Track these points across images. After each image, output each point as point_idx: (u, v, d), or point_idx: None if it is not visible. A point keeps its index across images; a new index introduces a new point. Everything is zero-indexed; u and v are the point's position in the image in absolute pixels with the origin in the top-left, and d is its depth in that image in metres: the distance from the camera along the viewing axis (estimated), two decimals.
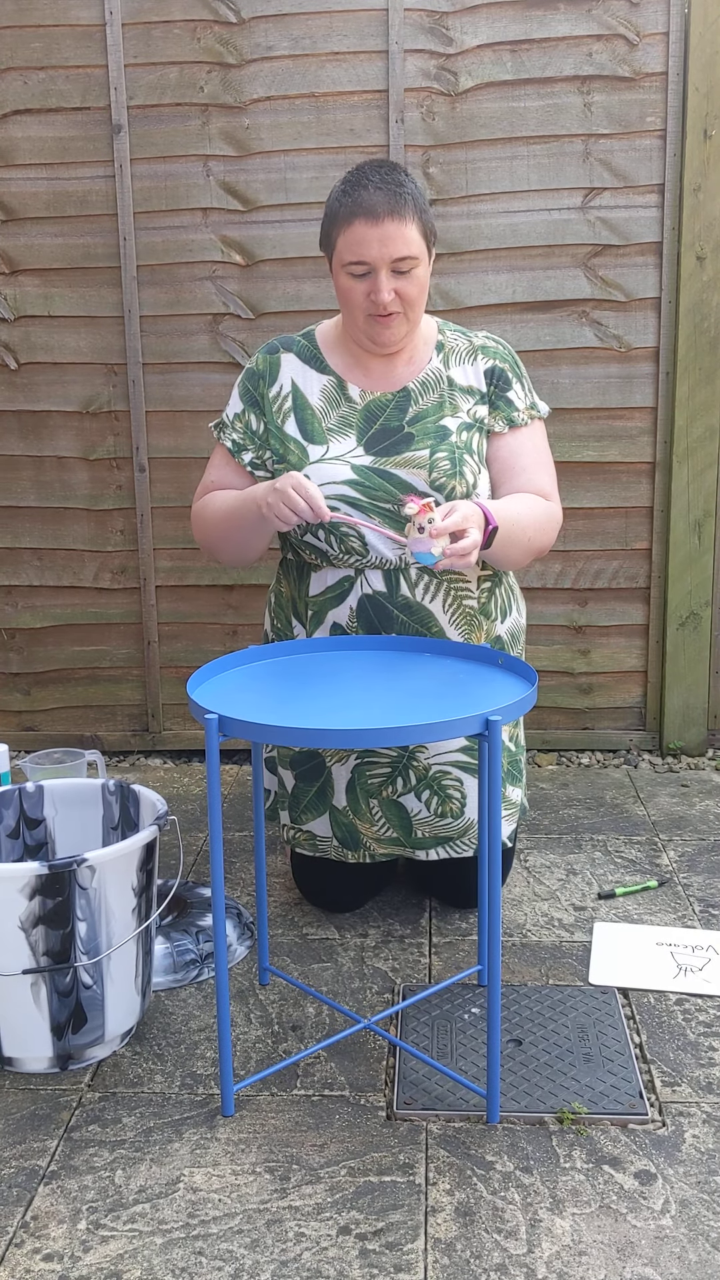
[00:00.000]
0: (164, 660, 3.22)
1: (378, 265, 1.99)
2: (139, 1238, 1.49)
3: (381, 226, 1.97)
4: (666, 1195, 1.54)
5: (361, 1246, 1.47)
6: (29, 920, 1.72)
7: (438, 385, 2.14)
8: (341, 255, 2.02)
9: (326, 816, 2.20)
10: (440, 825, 2.17)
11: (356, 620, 2.12)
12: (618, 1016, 1.93)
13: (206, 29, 2.89)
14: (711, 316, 2.93)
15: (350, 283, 2.03)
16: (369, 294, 2.02)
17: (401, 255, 1.99)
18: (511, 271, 2.95)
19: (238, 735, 1.58)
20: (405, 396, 2.14)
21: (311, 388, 2.16)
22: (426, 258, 2.04)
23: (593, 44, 2.84)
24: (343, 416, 2.13)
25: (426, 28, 2.86)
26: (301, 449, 2.12)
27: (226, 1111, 1.72)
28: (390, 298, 2.00)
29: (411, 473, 2.08)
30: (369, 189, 1.98)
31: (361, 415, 2.13)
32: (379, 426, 2.12)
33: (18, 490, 3.16)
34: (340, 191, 2.03)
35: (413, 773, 2.14)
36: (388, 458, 2.09)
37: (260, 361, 2.20)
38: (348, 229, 1.99)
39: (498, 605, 2.20)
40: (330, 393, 2.15)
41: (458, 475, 2.08)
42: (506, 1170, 1.60)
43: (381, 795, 2.15)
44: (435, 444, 2.10)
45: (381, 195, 1.97)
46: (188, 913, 2.23)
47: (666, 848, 2.59)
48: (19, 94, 2.95)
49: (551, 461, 2.23)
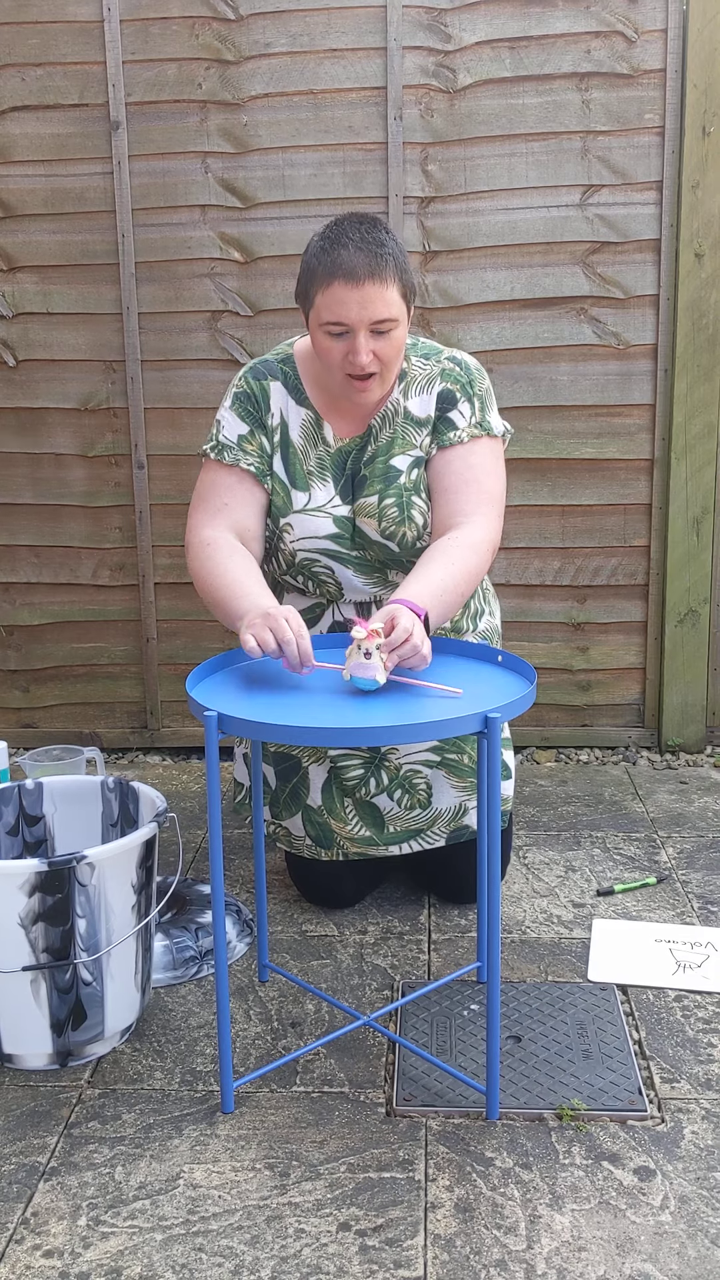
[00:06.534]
0: (163, 657, 3.22)
1: (357, 327, 1.94)
2: (139, 1234, 1.50)
3: (362, 289, 1.91)
4: (665, 1191, 1.55)
5: (361, 1242, 1.47)
6: (29, 917, 1.73)
7: (393, 420, 2.11)
8: (320, 314, 1.96)
9: (299, 816, 2.22)
10: (409, 818, 2.18)
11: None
12: (617, 1013, 1.93)
13: (205, 25, 2.89)
14: (710, 313, 2.93)
15: (328, 342, 1.98)
16: (347, 354, 1.97)
17: (381, 318, 1.94)
18: (510, 269, 2.95)
19: (236, 733, 1.58)
20: (367, 435, 2.12)
21: (294, 420, 2.13)
22: (405, 318, 1.99)
23: (591, 41, 2.84)
24: (320, 459, 2.12)
25: (425, 24, 2.86)
26: (286, 491, 2.11)
27: (226, 1108, 1.72)
28: (368, 359, 1.96)
29: (364, 521, 2.09)
30: (349, 248, 1.92)
31: (334, 460, 2.12)
32: (348, 472, 2.12)
33: (15, 487, 3.15)
34: (319, 249, 1.96)
35: (385, 773, 2.17)
36: (352, 505, 2.11)
37: (253, 387, 2.13)
38: (326, 289, 1.94)
39: (469, 614, 2.21)
40: (309, 430, 2.12)
41: (406, 521, 2.08)
42: (506, 1166, 1.60)
43: (356, 796, 2.18)
44: (384, 488, 2.08)
45: (362, 256, 1.92)
46: (187, 910, 2.24)
47: (665, 845, 2.59)
48: (17, 90, 2.95)
49: (490, 477, 2.09)
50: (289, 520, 2.10)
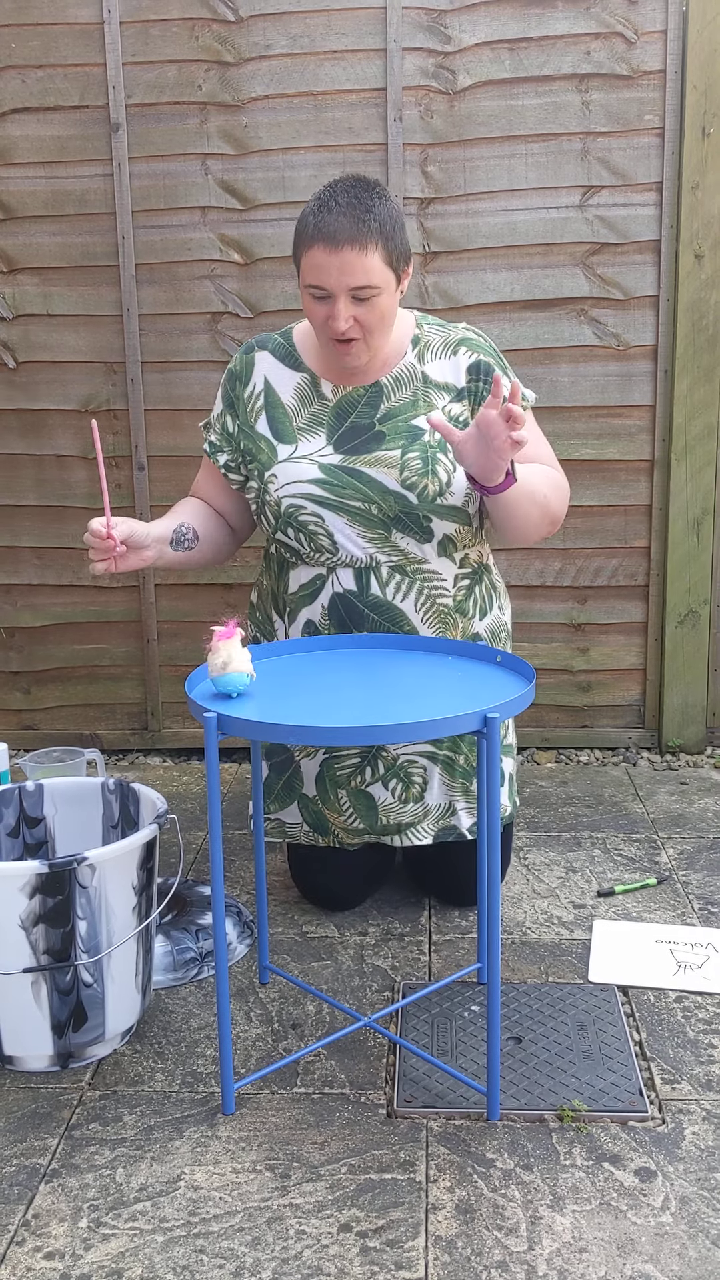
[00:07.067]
0: (163, 659, 3.22)
1: (336, 292, 1.96)
2: (140, 1236, 1.50)
3: (340, 254, 1.93)
4: (666, 1192, 1.55)
5: (362, 1244, 1.47)
6: (29, 919, 1.73)
7: (411, 381, 2.12)
8: (304, 276, 2.00)
9: (295, 805, 2.23)
10: (403, 811, 2.18)
11: (329, 618, 2.13)
12: (617, 1014, 1.93)
13: (205, 27, 2.89)
14: (710, 314, 2.93)
15: (312, 304, 2.01)
16: (328, 318, 1.99)
17: (360, 284, 1.95)
18: (510, 270, 2.95)
19: (237, 734, 1.58)
20: (377, 392, 2.12)
21: (285, 386, 2.15)
22: (392, 286, 2.00)
23: (591, 42, 2.84)
24: (314, 415, 2.13)
25: (425, 26, 2.86)
26: (271, 447, 2.12)
27: (227, 1109, 1.72)
28: (347, 325, 1.97)
29: (382, 471, 2.07)
30: (334, 213, 1.94)
31: (333, 413, 2.12)
32: (349, 424, 2.11)
33: (17, 489, 3.16)
34: (309, 209, 1.99)
35: (381, 763, 2.16)
36: (357, 456, 2.09)
37: (237, 362, 2.20)
38: (308, 252, 1.96)
39: (475, 603, 2.20)
40: (303, 390, 2.14)
41: (430, 474, 2.06)
42: (507, 1168, 1.60)
43: (350, 785, 2.17)
44: (407, 444, 2.08)
45: (345, 221, 1.93)
46: (188, 911, 2.24)
47: (665, 845, 2.59)
48: (17, 92, 2.95)
49: (546, 445, 2.21)
50: (273, 471, 2.11)
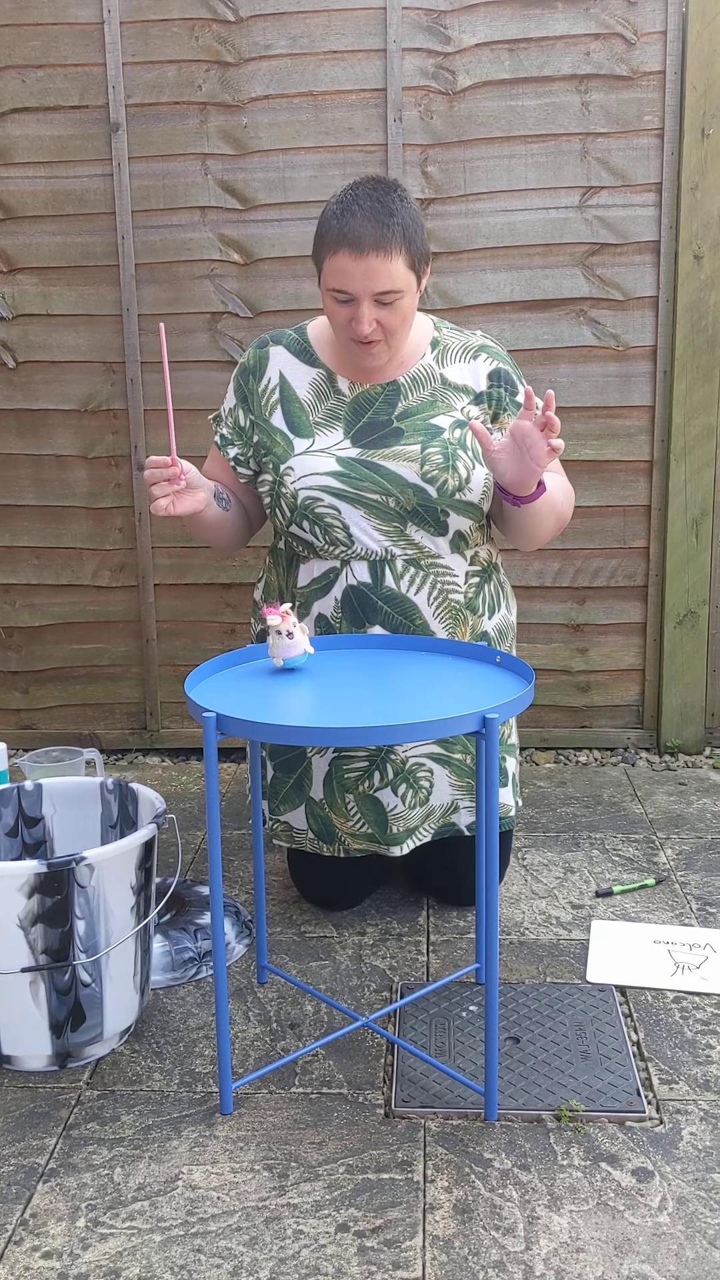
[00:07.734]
0: (163, 658, 3.22)
1: (360, 296, 1.99)
2: (138, 1235, 1.50)
3: (365, 260, 1.96)
4: (664, 1192, 1.55)
5: (360, 1244, 1.47)
6: (28, 918, 1.73)
7: (429, 381, 2.14)
8: (327, 279, 2.02)
9: (303, 809, 2.22)
10: (411, 816, 2.18)
11: (341, 612, 2.13)
12: (615, 1014, 1.94)
13: (205, 27, 2.90)
14: (709, 315, 2.93)
15: (334, 306, 2.03)
16: (351, 321, 2.02)
17: (384, 289, 1.98)
18: (509, 270, 2.96)
19: (236, 734, 1.58)
20: (395, 390, 2.14)
21: (300, 380, 2.16)
22: (414, 287, 2.03)
23: (591, 43, 2.84)
24: (330, 410, 2.14)
25: (424, 26, 2.86)
26: (287, 440, 2.13)
27: (225, 1109, 1.72)
28: (371, 329, 2.00)
29: (402, 465, 2.08)
30: (357, 217, 1.96)
31: (350, 408, 2.13)
32: (367, 420, 2.12)
33: (16, 489, 3.16)
34: (332, 212, 2.00)
35: (390, 766, 2.15)
36: (376, 450, 2.10)
37: (251, 356, 2.21)
38: (333, 256, 1.98)
39: (485, 601, 2.20)
40: (319, 386, 2.16)
41: (450, 469, 2.08)
42: (504, 1167, 1.60)
43: (358, 790, 2.16)
44: (426, 440, 2.10)
45: (369, 226, 1.95)
46: (186, 911, 2.24)
47: (664, 846, 2.59)
48: (17, 92, 2.95)
49: None
50: (289, 464, 2.11)
